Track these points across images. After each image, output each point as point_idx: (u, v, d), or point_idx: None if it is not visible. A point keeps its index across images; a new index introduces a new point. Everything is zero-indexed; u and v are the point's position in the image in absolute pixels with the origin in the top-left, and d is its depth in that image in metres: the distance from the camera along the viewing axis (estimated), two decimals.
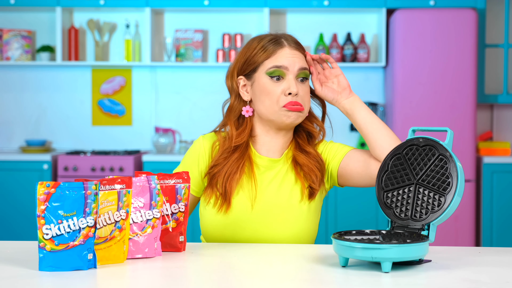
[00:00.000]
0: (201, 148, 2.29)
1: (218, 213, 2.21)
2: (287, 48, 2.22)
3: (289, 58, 2.20)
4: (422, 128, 1.96)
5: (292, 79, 2.19)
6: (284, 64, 2.19)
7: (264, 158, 2.27)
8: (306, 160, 2.25)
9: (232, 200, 2.21)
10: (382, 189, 1.96)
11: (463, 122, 5.28)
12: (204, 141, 2.31)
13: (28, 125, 5.97)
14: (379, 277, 1.68)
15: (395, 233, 1.86)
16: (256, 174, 2.25)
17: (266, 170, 2.26)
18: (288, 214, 2.22)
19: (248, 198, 2.22)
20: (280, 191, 2.24)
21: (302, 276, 1.74)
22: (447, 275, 1.71)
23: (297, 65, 2.21)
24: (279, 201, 2.23)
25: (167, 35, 5.91)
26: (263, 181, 2.25)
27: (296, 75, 2.20)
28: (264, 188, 2.24)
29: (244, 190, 2.23)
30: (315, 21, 5.90)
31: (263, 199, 2.23)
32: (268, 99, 2.20)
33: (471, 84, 5.30)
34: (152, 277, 1.72)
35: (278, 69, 2.19)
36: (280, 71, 2.19)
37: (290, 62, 2.20)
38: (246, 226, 2.21)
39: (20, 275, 1.69)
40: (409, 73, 5.34)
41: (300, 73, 2.20)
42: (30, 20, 5.94)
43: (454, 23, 5.31)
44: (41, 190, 1.69)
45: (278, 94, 2.19)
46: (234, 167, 2.23)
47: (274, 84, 2.19)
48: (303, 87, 2.22)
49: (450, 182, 1.84)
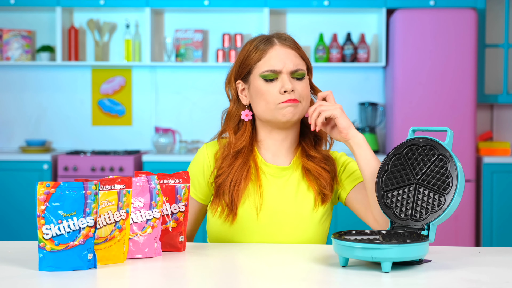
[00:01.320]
0: (205, 156, 2.27)
1: (224, 223, 2.20)
2: (278, 47, 2.18)
3: (281, 57, 2.17)
4: (422, 128, 1.96)
5: (285, 78, 2.15)
6: (276, 67, 2.15)
7: (271, 166, 2.25)
8: (313, 166, 2.22)
9: (238, 209, 2.19)
10: (382, 189, 1.96)
11: (463, 122, 5.28)
12: (207, 149, 2.28)
13: (28, 125, 5.97)
14: (379, 277, 1.68)
15: (395, 233, 1.86)
16: (263, 182, 2.23)
17: (274, 178, 2.24)
18: (299, 223, 2.20)
19: (254, 207, 2.20)
20: (292, 200, 2.22)
21: (302, 276, 1.74)
22: (447, 275, 1.71)
23: (289, 66, 2.16)
24: (289, 210, 2.20)
25: (167, 35, 5.91)
26: (270, 189, 2.22)
27: (290, 74, 2.17)
28: (271, 196, 2.21)
29: (250, 199, 2.21)
30: (315, 21, 5.90)
31: (270, 208, 2.20)
32: (264, 100, 2.17)
33: (471, 84, 5.30)
34: (152, 277, 1.72)
35: (271, 73, 2.16)
36: (273, 74, 2.16)
37: (281, 63, 2.16)
38: (253, 236, 2.20)
39: (20, 275, 1.69)
40: (409, 73, 5.34)
41: (294, 74, 2.17)
42: (30, 20, 5.94)
43: (454, 23, 5.31)
44: (41, 190, 1.69)
45: (274, 94, 2.15)
46: (239, 175, 2.20)
47: (268, 85, 2.16)
48: (300, 83, 2.17)
49: (450, 182, 1.84)
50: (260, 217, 2.19)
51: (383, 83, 5.89)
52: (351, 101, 5.88)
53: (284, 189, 2.23)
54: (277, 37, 2.22)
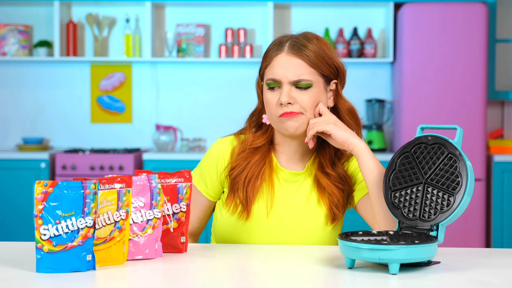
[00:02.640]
0: (220, 151, 2.27)
1: (237, 221, 2.20)
2: (283, 55, 2.15)
3: (284, 67, 2.13)
4: (430, 125, 1.96)
5: (286, 88, 2.12)
6: (276, 77, 2.13)
7: (285, 170, 2.24)
8: (327, 183, 2.22)
9: (252, 207, 2.20)
10: (389, 188, 1.96)
11: (473, 120, 5.27)
12: (222, 144, 2.28)
13: (25, 122, 5.97)
14: (386, 279, 1.68)
15: (403, 233, 1.86)
16: (276, 184, 2.23)
17: (286, 183, 2.24)
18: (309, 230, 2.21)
19: (265, 206, 2.21)
20: (302, 207, 2.22)
21: (307, 278, 1.74)
22: (457, 277, 1.71)
23: (290, 76, 2.12)
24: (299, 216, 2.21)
25: (168, 30, 5.91)
26: (281, 193, 2.23)
27: (293, 84, 2.13)
28: (282, 200, 2.22)
29: (263, 198, 2.21)
30: (320, 15, 5.90)
31: (281, 210, 2.21)
32: (268, 109, 2.17)
33: (481, 80, 5.29)
34: (153, 279, 1.72)
35: (272, 82, 2.14)
36: (274, 83, 2.14)
37: (283, 72, 2.13)
38: (261, 237, 2.20)
39: (17, 277, 1.69)
40: (417, 69, 5.34)
41: (298, 84, 2.13)
42: (27, 14, 5.94)
43: (464, 17, 5.30)
44: (38, 189, 1.70)
45: (273, 105, 2.15)
46: (256, 171, 2.21)
47: (271, 93, 2.16)
48: (304, 94, 2.13)
49: (460, 181, 1.84)
50: (270, 218, 2.20)
51: (391, 79, 5.89)
52: (357, 98, 5.87)
53: (295, 195, 2.23)
54: (290, 43, 2.18)
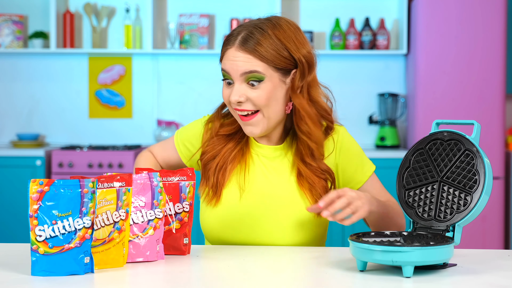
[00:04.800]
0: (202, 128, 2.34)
1: (209, 207, 2.21)
2: (232, 50, 2.11)
3: (231, 61, 2.11)
4: (446, 121, 1.96)
5: (236, 87, 2.11)
6: (226, 67, 2.12)
7: (264, 146, 2.25)
8: (308, 172, 2.19)
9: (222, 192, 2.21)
10: (403, 187, 1.96)
11: (491, 115, 5.27)
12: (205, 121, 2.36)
13: (19, 117, 5.99)
14: (400, 283, 1.68)
15: (417, 234, 1.86)
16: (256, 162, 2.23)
17: (267, 159, 2.24)
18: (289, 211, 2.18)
19: (238, 189, 2.21)
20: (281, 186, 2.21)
21: (316, 281, 1.74)
22: (474, 280, 1.70)
23: (238, 70, 2.09)
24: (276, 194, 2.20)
25: (170, 20, 5.92)
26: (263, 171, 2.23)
27: (244, 80, 2.11)
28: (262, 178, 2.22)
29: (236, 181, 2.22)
30: (330, 5, 5.90)
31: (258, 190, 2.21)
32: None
33: (500, 73, 5.28)
34: (154, 282, 1.73)
35: (225, 73, 2.13)
36: (227, 75, 2.13)
37: (231, 66, 2.11)
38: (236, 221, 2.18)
39: (11, 280, 1.69)
40: (432, 61, 5.33)
41: (246, 78, 2.10)
42: (22, 3, 5.95)
43: (482, 7, 5.29)
44: (33, 188, 1.70)
45: (227, 100, 2.16)
46: (228, 157, 2.23)
47: (226, 88, 2.15)
48: (255, 90, 2.10)
49: (477, 180, 1.84)
50: (243, 201, 2.19)
51: (405, 72, 5.89)
52: (369, 92, 5.87)
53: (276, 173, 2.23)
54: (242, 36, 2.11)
